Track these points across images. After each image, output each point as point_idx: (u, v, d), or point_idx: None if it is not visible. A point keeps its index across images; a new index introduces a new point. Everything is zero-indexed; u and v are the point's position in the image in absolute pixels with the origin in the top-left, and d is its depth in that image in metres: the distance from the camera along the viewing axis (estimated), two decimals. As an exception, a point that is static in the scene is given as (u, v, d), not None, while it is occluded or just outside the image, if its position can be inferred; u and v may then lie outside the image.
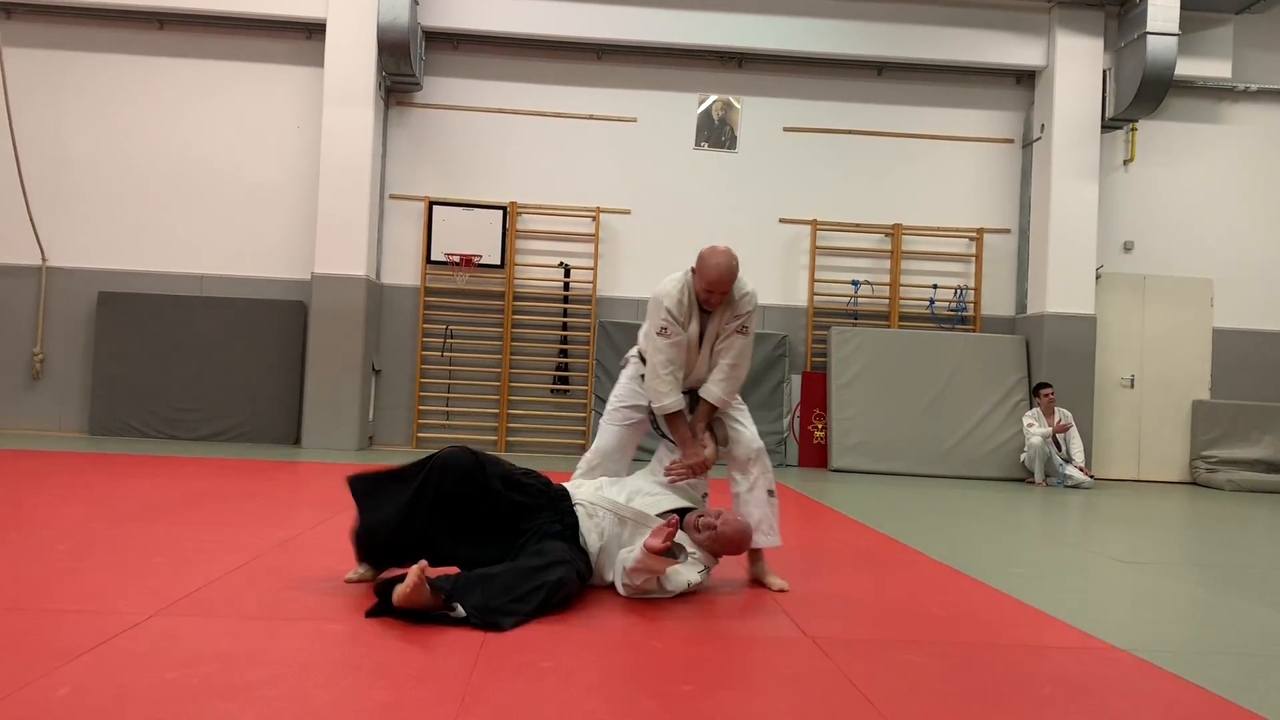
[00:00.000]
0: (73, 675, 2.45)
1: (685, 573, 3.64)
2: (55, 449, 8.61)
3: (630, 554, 3.57)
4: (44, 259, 10.24)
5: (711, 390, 4.07)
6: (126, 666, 2.55)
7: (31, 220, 9.98)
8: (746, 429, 4.21)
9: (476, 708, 2.36)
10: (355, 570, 3.66)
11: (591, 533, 3.66)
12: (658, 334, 4.04)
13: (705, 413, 4.10)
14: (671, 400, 4.03)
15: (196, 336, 10.17)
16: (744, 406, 4.32)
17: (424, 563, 3.08)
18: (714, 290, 4.01)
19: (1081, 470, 9.92)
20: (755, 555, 4.09)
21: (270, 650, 2.77)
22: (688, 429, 4.04)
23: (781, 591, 3.95)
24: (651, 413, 4.18)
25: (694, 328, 4.07)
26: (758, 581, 4.05)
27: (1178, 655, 3.24)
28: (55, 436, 9.90)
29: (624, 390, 4.34)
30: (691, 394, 4.13)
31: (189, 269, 10.41)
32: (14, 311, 10.26)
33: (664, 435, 4.18)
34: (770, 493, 4.16)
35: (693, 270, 4.08)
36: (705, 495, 4.13)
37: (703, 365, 4.14)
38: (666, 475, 3.99)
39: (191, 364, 10.15)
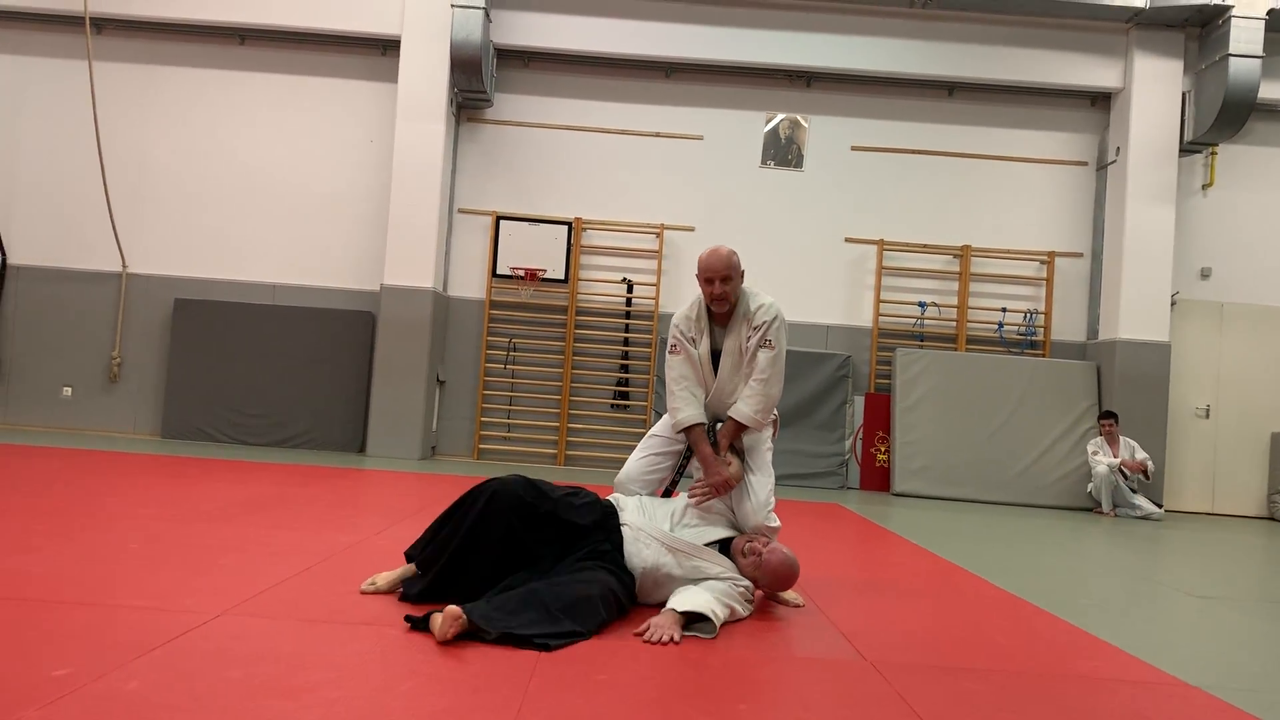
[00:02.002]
0: (141, 670, 2.51)
1: (725, 604, 3.54)
2: (129, 450, 8.84)
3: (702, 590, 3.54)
4: (124, 266, 10.55)
5: (740, 409, 4.00)
6: (193, 664, 2.60)
7: (114, 228, 10.30)
8: (756, 495, 3.98)
9: (532, 717, 2.37)
10: (383, 576, 3.64)
11: (636, 557, 3.64)
12: (669, 353, 4.12)
13: (731, 431, 4.02)
14: (686, 414, 4.04)
15: (267, 344, 10.39)
16: (766, 465, 4.08)
17: (455, 608, 3.03)
18: (712, 278, 3.98)
19: (1141, 469, 9.67)
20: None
21: (332, 653, 2.80)
22: (709, 446, 4.01)
23: (797, 606, 3.92)
24: (683, 455, 4.14)
25: (705, 344, 4.07)
26: (772, 597, 3.98)
27: (1252, 693, 3.13)
28: (130, 438, 10.18)
29: (661, 424, 4.32)
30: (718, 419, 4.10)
31: (262, 278, 10.65)
32: (95, 316, 10.59)
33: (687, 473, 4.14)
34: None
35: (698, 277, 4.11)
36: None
37: (726, 385, 4.08)
38: (691, 496, 3.93)
39: (261, 371, 10.37)
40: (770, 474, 4.07)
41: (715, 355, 4.10)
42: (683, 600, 3.44)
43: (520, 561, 3.50)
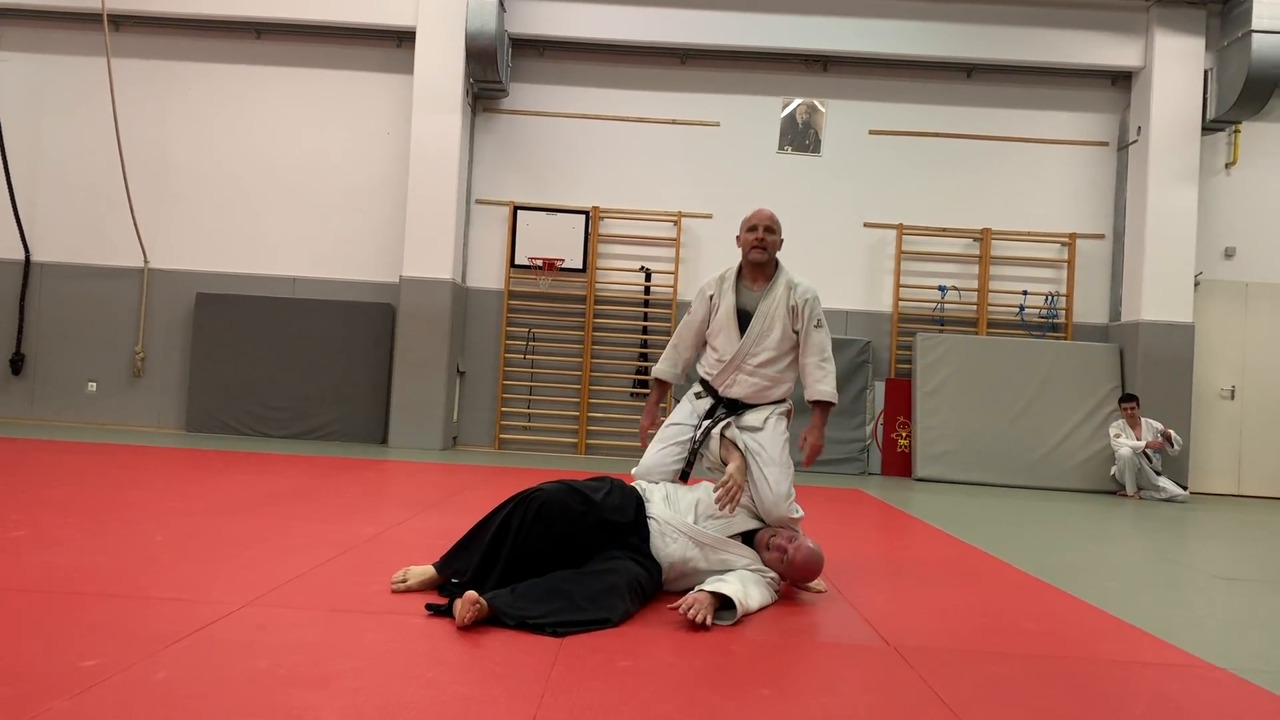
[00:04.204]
0: (169, 661, 2.53)
1: (758, 596, 3.54)
2: (154, 444, 8.92)
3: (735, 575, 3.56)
4: (146, 261, 10.63)
5: (821, 389, 4.12)
6: (219, 654, 2.62)
7: (135, 224, 10.38)
8: (776, 489, 3.95)
9: (556, 705, 2.38)
10: (415, 574, 3.57)
11: (663, 550, 3.64)
12: (686, 314, 4.38)
13: (822, 415, 4.17)
14: (660, 369, 4.39)
15: (288, 337, 10.45)
16: (784, 458, 4.03)
17: (473, 593, 3.04)
18: (756, 225, 4.18)
19: (1168, 436, 9.59)
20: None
21: (357, 642, 2.82)
22: (658, 398, 4.37)
23: (819, 593, 3.92)
24: (694, 442, 4.14)
25: (730, 301, 4.18)
26: (796, 584, 3.97)
27: (1278, 675, 3.11)
28: (154, 432, 10.27)
29: (678, 411, 4.29)
30: (726, 403, 4.14)
31: (282, 271, 10.70)
32: (118, 312, 10.68)
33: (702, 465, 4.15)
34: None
35: (736, 237, 4.31)
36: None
37: (752, 346, 4.10)
38: (717, 504, 3.80)
39: (283, 364, 10.43)
40: (788, 465, 4.05)
41: (743, 316, 4.15)
42: (718, 585, 3.44)
43: (561, 563, 3.48)
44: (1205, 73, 10.39)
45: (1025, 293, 10.77)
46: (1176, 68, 10.35)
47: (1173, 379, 10.18)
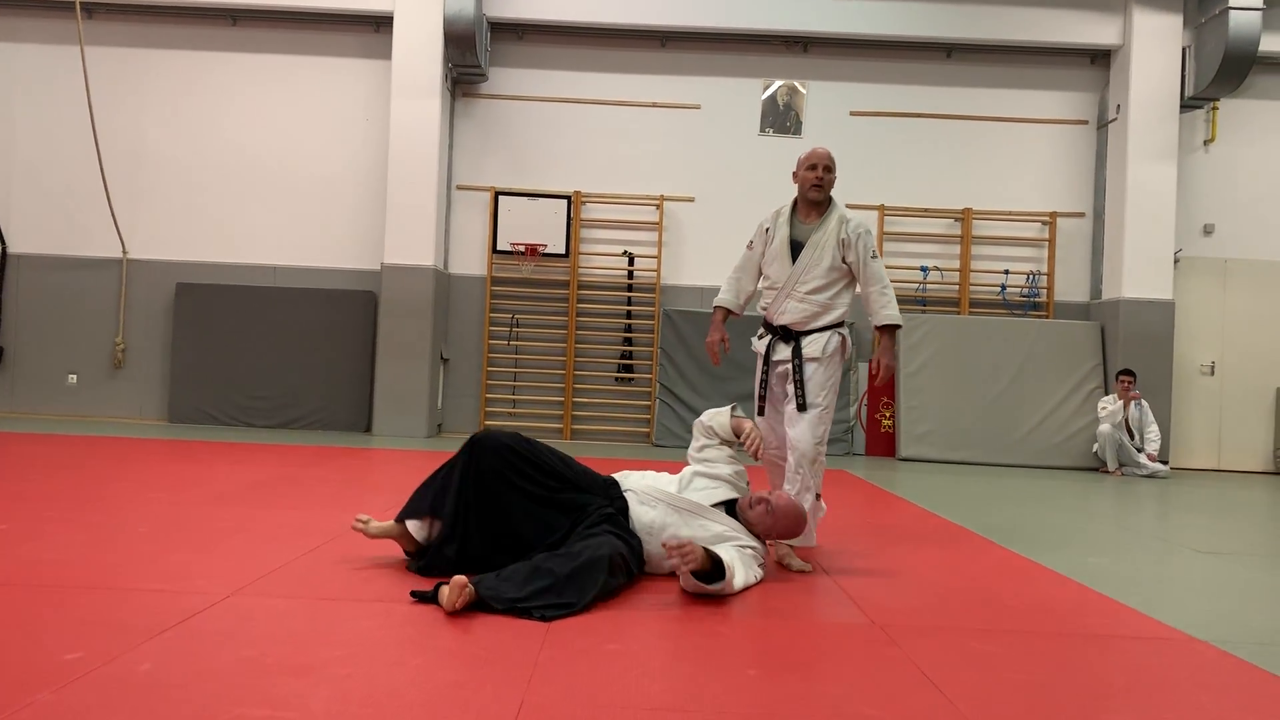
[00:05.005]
0: (154, 652, 2.52)
1: (743, 574, 3.56)
2: (136, 435, 8.87)
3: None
4: (124, 251, 10.54)
5: (886, 314, 4.33)
6: (204, 644, 2.61)
7: (113, 214, 10.27)
8: (794, 428, 4.24)
9: (543, 688, 2.38)
10: (376, 524, 3.66)
11: (641, 518, 3.66)
12: (746, 249, 4.58)
13: (889, 338, 4.39)
14: (721, 297, 4.59)
15: (270, 326, 10.39)
16: (827, 402, 4.27)
17: (462, 578, 3.06)
18: (816, 164, 4.38)
19: (1151, 458, 9.64)
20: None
21: (342, 630, 2.82)
22: (719, 322, 4.55)
23: (803, 572, 3.98)
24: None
25: (784, 233, 4.38)
26: (780, 563, 4.06)
27: (1261, 647, 3.14)
28: (136, 424, 10.20)
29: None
30: (784, 331, 4.35)
31: (262, 260, 10.63)
32: (97, 303, 10.58)
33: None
34: (816, 496, 4.25)
35: (793, 174, 4.49)
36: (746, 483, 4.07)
37: (802, 274, 4.30)
38: (749, 450, 4.01)
39: (265, 353, 10.37)
40: (827, 408, 4.25)
41: (795, 247, 4.35)
42: (715, 547, 3.48)
43: (535, 527, 3.52)
44: (1183, 50, 10.41)
45: (1007, 272, 10.81)
46: (1155, 45, 10.37)
47: (1153, 355, 10.24)
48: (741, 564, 3.55)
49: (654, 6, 10.44)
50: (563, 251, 10.57)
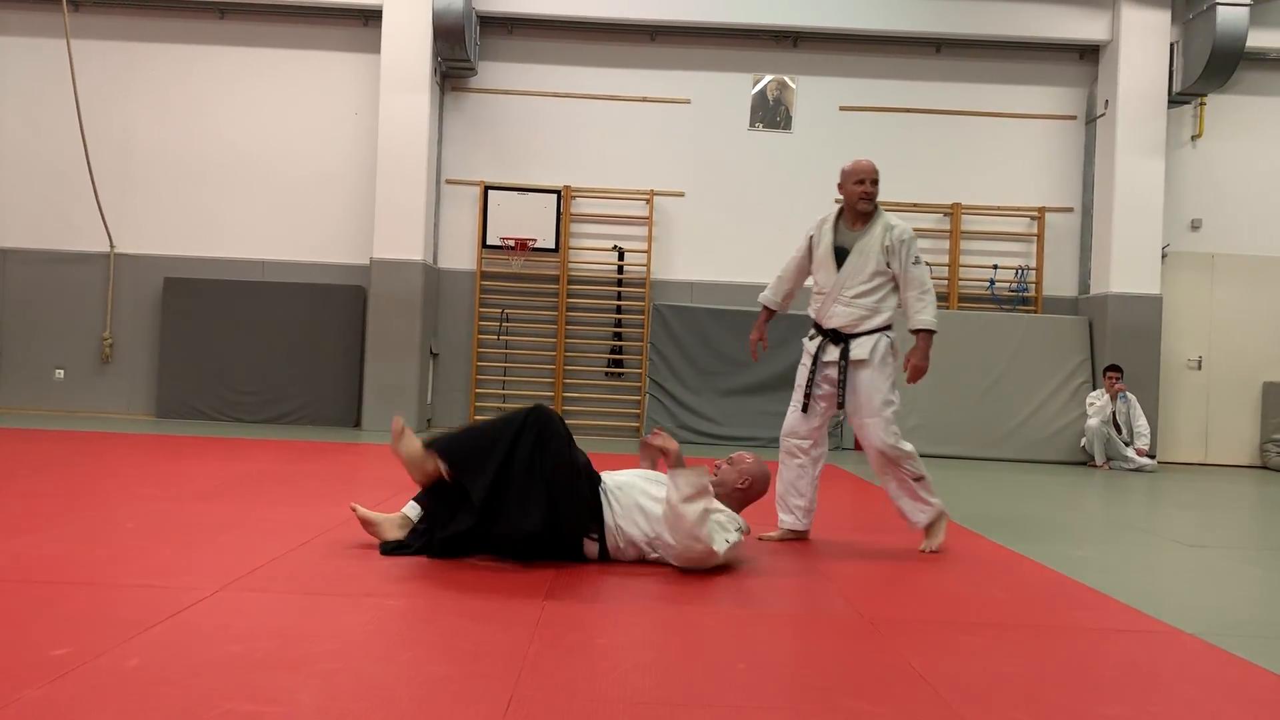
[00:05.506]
0: (142, 647, 2.51)
1: (721, 531, 3.63)
2: (124, 431, 8.83)
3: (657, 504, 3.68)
4: (112, 246, 10.48)
5: (922, 319, 4.49)
6: (193, 639, 2.61)
7: (100, 208, 10.21)
8: (866, 435, 4.46)
9: (533, 682, 2.38)
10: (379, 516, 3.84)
11: (614, 478, 3.81)
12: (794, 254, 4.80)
13: (925, 342, 4.54)
14: (764, 295, 4.87)
15: (258, 321, 10.35)
16: (879, 408, 4.44)
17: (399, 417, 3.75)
18: (864, 178, 4.48)
19: (1139, 453, 9.68)
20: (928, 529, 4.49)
21: (331, 625, 2.81)
22: (763, 322, 4.86)
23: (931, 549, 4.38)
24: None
25: (829, 240, 4.57)
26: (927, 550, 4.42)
27: (1246, 639, 3.16)
28: (124, 419, 10.16)
29: (799, 372, 4.68)
30: (835, 334, 4.52)
31: (251, 255, 10.59)
32: (84, 297, 10.53)
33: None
34: (917, 479, 4.48)
35: (839, 185, 4.60)
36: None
37: (848, 280, 4.48)
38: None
39: (254, 348, 10.33)
40: (886, 405, 4.44)
41: (840, 253, 4.53)
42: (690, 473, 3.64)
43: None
44: (1171, 46, 10.45)
45: (996, 266, 10.85)
46: (1143, 41, 10.40)
47: (1141, 350, 10.29)
48: (705, 508, 3.57)
49: (643, 1, 10.42)
50: (552, 246, 10.55)
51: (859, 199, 4.50)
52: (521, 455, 3.58)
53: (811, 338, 4.63)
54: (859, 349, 4.45)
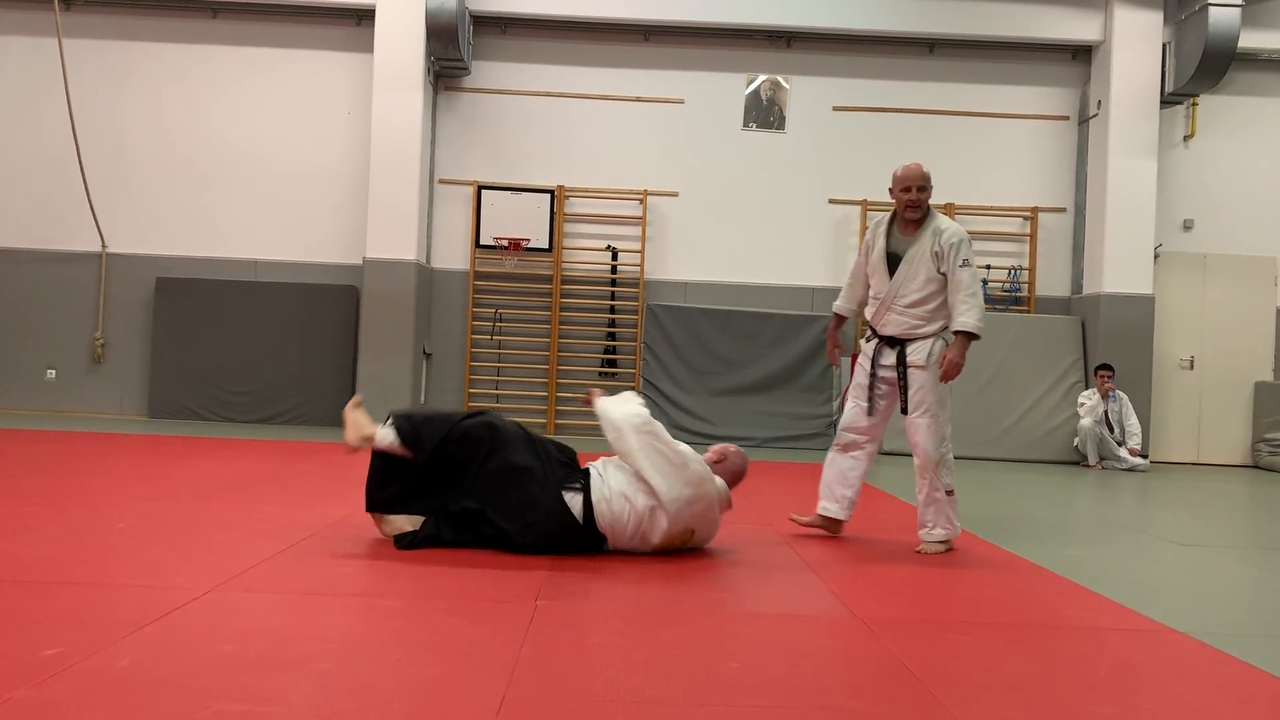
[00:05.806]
0: (134, 647, 2.50)
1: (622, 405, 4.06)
2: (116, 431, 8.81)
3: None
4: (104, 245, 10.45)
5: (965, 321, 4.44)
6: (185, 640, 2.60)
7: (92, 207, 10.18)
8: (917, 435, 4.52)
9: (525, 682, 2.38)
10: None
11: (602, 489, 3.89)
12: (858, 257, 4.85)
13: (962, 343, 4.47)
14: (837, 304, 4.92)
15: (251, 321, 10.32)
16: (932, 408, 4.52)
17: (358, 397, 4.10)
18: (909, 185, 4.52)
19: (1132, 452, 9.70)
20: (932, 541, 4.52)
21: (324, 625, 2.81)
22: (835, 329, 4.92)
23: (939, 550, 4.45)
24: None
25: (881, 246, 4.60)
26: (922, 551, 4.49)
27: (1238, 638, 3.17)
28: (116, 419, 10.13)
29: (857, 371, 4.77)
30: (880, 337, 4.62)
31: (243, 254, 10.57)
32: (76, 297, 10.49)
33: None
34: (948, 493, 4.52)
35: (889, 190, 4.65)
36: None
37: (901, 286, 4.50)
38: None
39: (246, 348, 10.31)
40: (938, 409, 4.50)
41: (892, 260, 4.55)
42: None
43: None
44: (1163, 46, 10.47)
45: (989, 266, 10.85)
46: (1135, 41, 10.42)
47: (1133, 350, 10.31)
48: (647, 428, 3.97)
49: (637, 0, 10.42)
50: (546, 246, 10.54)
51: (905, 208, 4.54)
52: (474, 421, 4.00)
53: (868, 339, 4.68)
54: (915, 354, 4.51)
